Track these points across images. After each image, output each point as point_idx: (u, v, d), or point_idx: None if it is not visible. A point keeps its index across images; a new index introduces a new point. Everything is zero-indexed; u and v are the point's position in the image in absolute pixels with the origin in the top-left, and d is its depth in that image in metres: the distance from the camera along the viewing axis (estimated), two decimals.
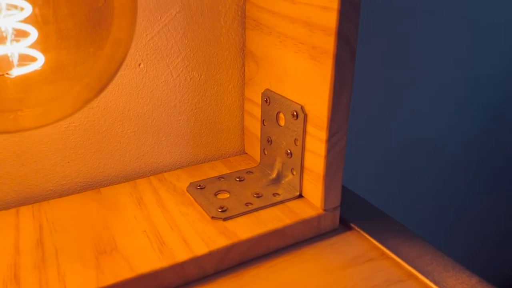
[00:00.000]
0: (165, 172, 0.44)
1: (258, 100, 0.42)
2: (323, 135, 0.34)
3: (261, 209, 0.37)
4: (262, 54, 0.40)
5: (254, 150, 0.46)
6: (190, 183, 0.40)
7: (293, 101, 0.37)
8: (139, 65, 0.39)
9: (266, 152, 0.42)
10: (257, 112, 0.43)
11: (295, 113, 0.37)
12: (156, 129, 0.43)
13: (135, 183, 0.41)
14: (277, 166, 0.41)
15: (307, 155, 0.37)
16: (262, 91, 0.41)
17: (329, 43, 0.32)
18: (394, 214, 0.40)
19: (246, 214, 0.36)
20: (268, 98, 0.40)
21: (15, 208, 0.37)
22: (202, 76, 0.43)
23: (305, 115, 0.36)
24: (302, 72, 0.35)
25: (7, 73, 0.26)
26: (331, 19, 0.31)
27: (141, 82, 0.40)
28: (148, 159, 0.43)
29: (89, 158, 0.40)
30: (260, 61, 0.41)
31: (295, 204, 0.38)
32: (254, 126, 0.44)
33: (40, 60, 0.26)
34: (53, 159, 0.39)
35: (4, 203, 0.38)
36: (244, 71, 0.45)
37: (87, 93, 0.25)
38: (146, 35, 0.39)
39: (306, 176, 0.38)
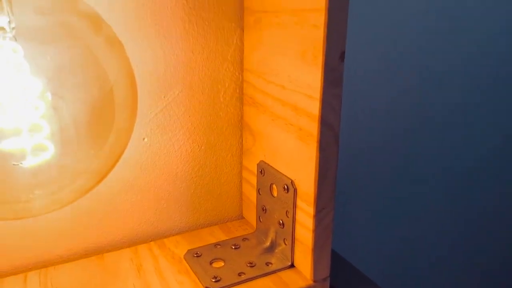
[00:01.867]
0: (165, 237, 0.46)
1: (255, 169, 0.45)
2: (311, 210, 0.37)
3: (254, 279, 0.38)
4: (258, 129, 0.44)
5: (251, 215, 0.48)
6: (188, 250, 0.43)
7: (284, 175, 0.40)
8: (144, 139, 0.43)
9: (261, 220, 0.45)
10: (254, 180, 0.45)
11: (286, 187, 0.39)
12: (158, 197, 0.45)
13: (136, 249, 0.43)
14: (271, 235, 0.43)
15: (297, 227, 0.39)
16: (258, 162, 0.44)
17: (313, 128, 0.35)
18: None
19: (238, 284, 0.38)
20: (262, 170, 0.43)
21: (23, 273, 0.40)
22: (202, 147, 0.46)
23: (295, 190, 0.38)
24: (291, 149, 0.38)
25: (20, 163, 0.29)
26: (314, 107, 0.34)
27: (145, 154, 0.43)
28: (149, 225, 0.46)
29: (94, 225, 0.43)
30: (256, 134, 0.44)
31: (287, 274, 0.39)
32: (251, 193, 0.47)
33: (50, 150, 0.29)
34: (62, 225, 0.42)
35: (13, 268, 0.41)
36: (242, 141, 0.48)
37: (93, 183, 0.28)
38: (150, 113, 0.42)
39: (297, 247, 0.39)
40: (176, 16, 0.40)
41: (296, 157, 0.38)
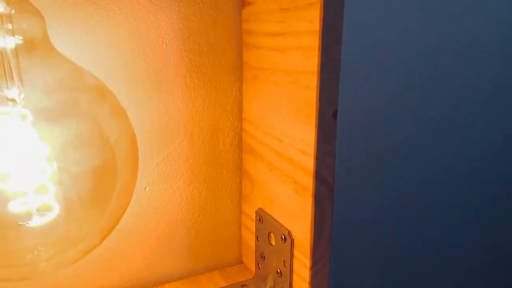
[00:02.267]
0: (166, 282, 0.47)
1: (253, 216, 0.46)
2: (307, 261, 0.37)
3: None
4: (256, 176, 0.45)
5: (250, 261, 0.48)
6: None
7: (282, 225, 0.41)
8: (145, 188, 0.44)
9: (260, 266, 0.45)
10: (253, 226, 0.46)
11: (283, 237, 0.40)
12: (159, 244, 0.46)
13: None
14: (269, 283, 0.43)
15: (294, 277, 0.40)
16: (256, 209, 0.45)
17: (308, 182, 0.36)
18: None
19: None
20: (261, 217, 0.44)
21: None
22: (202, 194, 0.47)
23: (292, 240, 0.39)
24: (288, 200, 0.39)
25: (27, 223, 0.30)
26: (309, 163, 0.35)
27: (147, 203, 0.45)
28: (151, 271, 0.46)
29: (98, 271, 0.44)
30: (254, 181, 0.45)
31: None
32: (250, 239, 0.48)
33: (56, 210, 0.31)
34: (65, 280, 0.43)
35: None
36: (241, 187, 0.49)
37: (97, 242, 0.29)
38: (152, 162, 0.44)
39: None
40: (178, 73, 0.42)
41: (293, 208, 0.39)
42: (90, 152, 0.26)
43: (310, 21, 0.32)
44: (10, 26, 0.27)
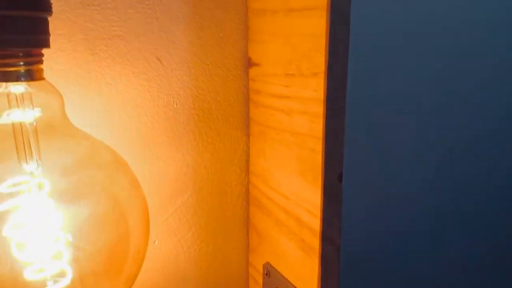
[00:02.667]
0: None
1: (261, 269, 0.46)
2: None
3: None
4: (263, 230, 0.45)
5: None
6: None
7: (289, 282, 0.41)
8: (154, 242, 0.45)
9: None
10: (260, 279, 0.47)
11: None
12: None
13: None
14: None
15: None
16: (264, 262, 0.45)
17: (315, 242, 0.36)
18: None
19: None
20: (268, 271, 0.44)
21: None
22: (210, 247, 0.48)
23: None
24: (295, 257, 0.40)
25: None
26: (315, 223, 0.36)
27: (155, 256, 0.45)
28: None
29: None
30: (262, 235, 0.46)
31: None
32: None
33: (69, 275, 0.32)
34: None
35: None
36: (248, 240, 0.49)
37: None
38: (161, 217, 0.45)
39: None
40: (187, 130, 0.44)
41: (299, 265, 0.39)
42: (104, 228, 0.27)
43: (315, 89, 0.34)
44: (29, 104, 0.29)
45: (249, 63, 0.44)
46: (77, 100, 0.38)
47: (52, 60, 0.37)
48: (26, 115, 0.29)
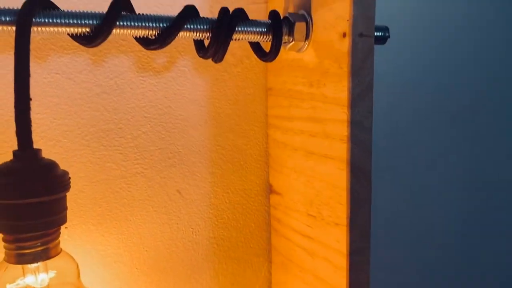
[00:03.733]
0: None
1: None
2: None
3: None
4: None
5: None
6: None
7: None
8: None
9: None
10: None
11: None
12: None
13: None
14: None
15: None
16: None
17: None
18: None
19: None
20: None
21: None
22: None
23: None
24: None
25: None
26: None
27: None
28: None
29: None
30: None
31: None
32: None
33: None
34: None
35: None
36: None
37: None
38: None
39: None
40: (207, 260, 0.42)
41: None
42: None
43: (338, 240, 0.32)
44: (43, 270, 0.28)
45: (270, 190, 0.43)
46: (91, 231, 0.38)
47: (72, 200, 0.37)
48: (40, 280, 0.29)
